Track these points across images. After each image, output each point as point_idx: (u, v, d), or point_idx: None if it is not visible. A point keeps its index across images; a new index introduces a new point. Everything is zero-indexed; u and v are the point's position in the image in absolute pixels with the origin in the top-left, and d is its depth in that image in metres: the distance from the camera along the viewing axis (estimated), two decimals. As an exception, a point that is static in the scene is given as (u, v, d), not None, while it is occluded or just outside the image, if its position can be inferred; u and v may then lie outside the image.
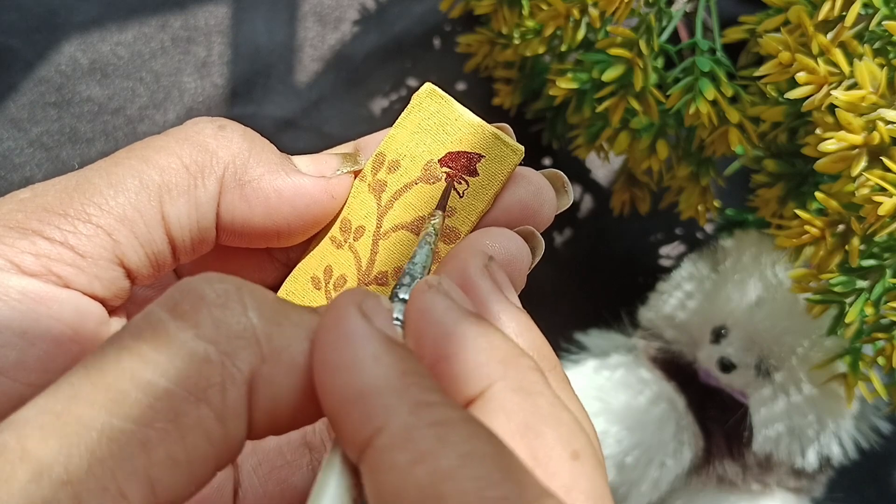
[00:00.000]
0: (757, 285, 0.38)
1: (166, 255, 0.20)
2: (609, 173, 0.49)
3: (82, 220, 0.19)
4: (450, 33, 0.51)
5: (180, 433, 0.14)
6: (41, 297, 0.18)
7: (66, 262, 0.18)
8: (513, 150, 0.21)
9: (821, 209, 0.31)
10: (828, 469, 0.39)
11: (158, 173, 0.20)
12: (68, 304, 0.18)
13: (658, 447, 0.38)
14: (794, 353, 0.37)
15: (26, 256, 0.18)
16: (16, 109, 0.48)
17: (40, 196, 0.19)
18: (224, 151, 0.20)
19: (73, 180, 0.19)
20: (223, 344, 0.15)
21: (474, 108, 0.38)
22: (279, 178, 0.21)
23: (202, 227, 0.20)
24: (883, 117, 0.26)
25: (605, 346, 0.43)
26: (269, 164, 0.21)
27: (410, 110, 0.22)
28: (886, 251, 0.29)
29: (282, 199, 0.21)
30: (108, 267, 0.19)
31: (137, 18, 0.50)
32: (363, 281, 0.22)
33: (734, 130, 0.33)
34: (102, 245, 0.19)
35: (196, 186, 0.20)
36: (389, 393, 0.14)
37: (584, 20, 0.34)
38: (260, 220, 0.21)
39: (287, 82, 0.49)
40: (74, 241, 0.18)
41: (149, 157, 0.20)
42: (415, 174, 0.22)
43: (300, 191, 0.21)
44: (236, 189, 0.20)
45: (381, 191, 0.22)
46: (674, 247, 0.48)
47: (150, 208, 0.19)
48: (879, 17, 0.28)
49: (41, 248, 0.18)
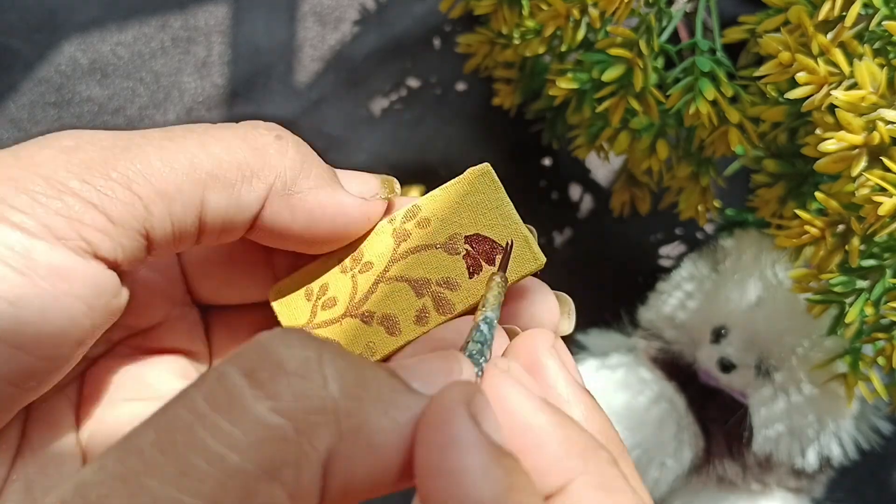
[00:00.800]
0: (757, 285, 0.38)
1: (191, 237, 0.20)
2: (609, 173, 0.49)
3: (123, 186, 0.18)
4: (450, 33, 0.51)
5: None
6: (65, 272, 0.18)
7: (97, 228, 0.18)
8: (535, 258, 0.22)
9: (821, 209, 0.31)
10: (828, 469, 0.39)
11: (211, 162, 0.20)
12: (90, 279, 0.18)
13: (658, 447, 0.38)
14: (794, 354, 0.37)
15: (58, 219, 0.18)
16: (16, 109, 0.48)
17: (85, 149, 0.18)
18: (277, 161, 0.21)
19: (124, 140, 0.19)
20: (301, 420, 0.14)
21: (474, 107, 0.39)
22: (325, 193, 0.21)
23: (236, 222, 0.21)
24: (883, 117, 0.26)
25: (605, 346, 0.43)
26: (318, 178, 0.21)
27: (461, 180, 0.23)
28: (886, 251, 0.29)
29: (324, 213, 0.22)
30: (134, 237, 0.19)
31: (137, 18, 0.50)
32: (350, 312, 0.23)
33: (734, 130, 0.33)
34: (135, 215, 0.19)
35: (243, 185, 0.20)
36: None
37: (584, 20, 0.34)
38: (299, 229, 0.21)
39: (287, 82, 0.49)
40: (109, 205, 0.18)
41: (206, 143, 0.20)
42: (439, 239, 0.22)
43: (342, 209, 0.22)
44: (284, 198, 0.21)
45: (403, 239, 0.23)
46: (674, 247, 0.48)
47: (192, 192, 0.19)
48: (879, 17, 0.28)
49: (75, 210, 0.18)
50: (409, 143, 0.48)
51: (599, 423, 0.18)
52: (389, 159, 0.48)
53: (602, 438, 0.17)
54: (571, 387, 0.19)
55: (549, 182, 0.48)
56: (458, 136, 0.49)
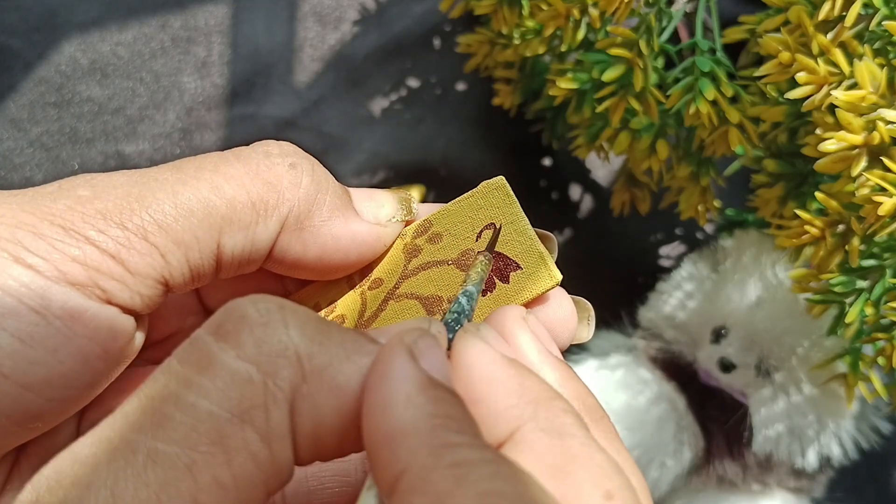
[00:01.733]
0: (757, 285, 0.38)
1: (209, 277, 0.20)
2: (609, 173, 0.49)
3: (139, 237, 0.19)
4: (450, 33, 0.51)
5: (226, 456, 0.14)
6: (80, 314, 0.18)
7: (114, 277, 0.18)
8: (550, 276, 0.21)
9: (821, 209, 0.31)
10: (828, 469, 0.39)
11: (225, 206, 0.20)
12: (104, 322, 0.18)
13: (658, 447, 0.38)
14: (795, 354, 0.37)
15: (74, 266, 0.18)
16: (16, 109, 0.48)
17: (101, 198, 0.19)
18: (291, 193, 0.20)
19: (137, 189, 0.19)
20: (264, 364, 0.15)
21: (474, 107, 0.39)
22: (338, 224, 0.21)
23: (253, 258, 0.21)
24: (883, 117, 0.26)
25: (606, 346, 0.43)
26: (332, 208, 0.21)
27: (474, 194, 0.22)
28: (886, 251, 0.29)
29: (337, 245, 0.21)
30: (152, 285, 0.19)
31: (137, 18, 0.50)
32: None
33: (734, 130, 0.33)
34: (153, 265, 0.19)
35: (258, 223, 0.20)
36: (414, 435, 0.14)
37: (584, 20, 0.34)
38: (311, 260, 0.21)
39: (287, 82, 0.49)
40: (126, 256, 0.18)
41: (219, 186, 0.20)
42: (451, 255, 0.22)
43: (356, 238, 0.21)
44: (296, 231, 0.21)
45: (414, 256, 0.22)
46: (674, 247, 0.48)
47: (208, 237, 0.19)
48: (879, 17, 0.28)
49: (92, 259, 0.18)
50: (409, 143, 0.48)
51: (575, 390, 0.18)
52: (389, 159, 0.48)
53: (578, 404, 0.17)
54: (543, 354, 0.19)
55: (549, 182, 0.48)
56: (458, 136, 0.49)
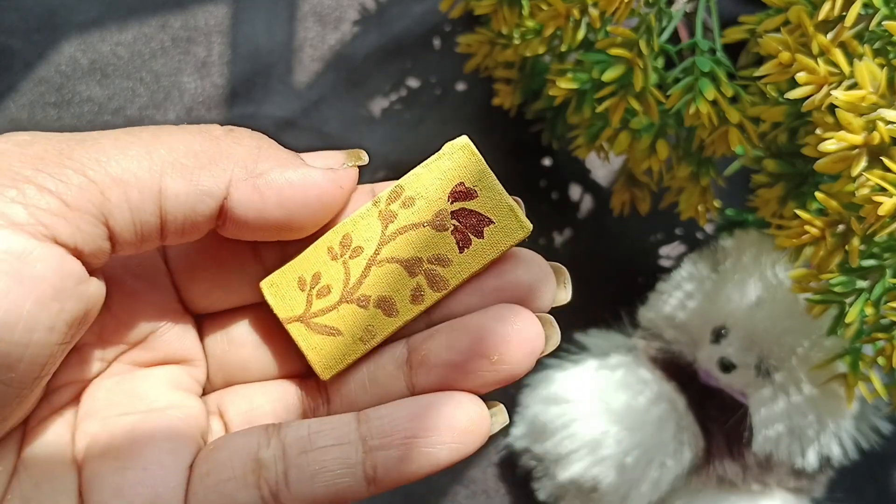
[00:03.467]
0: (757, 285, 0.38)
1: (153, 230, 0.20)
2: (609, 173, 0.49)
3: (76, 172, 0.19)
4: (450, 33, 0.51)
5: None
6: (26, 255, 0.18)
7: (53, 212, 0.18)
8: (521, 226, 0.23)
9: (821, 209, 0.31)
10: (828, 469, 0.39)
11: (168, 150, 0.20)
12: (51, 262, 0.19)
13: (658, 447, 0.38)
14: (795, 354, 0.37)
15: (14, 206, 0.18)
16: (16, 109, 0.48)
17: (39, 143, 0.19)
18: (235, 149, 0.21)
19: (80, 136, 0.20)
20: None
21: (474, 108, 0.39)
22: (290, 170, 0.21)
23: (197, 211, 0.21)
24: (883, 117, 0.26)
25: (605, 346, 0.43)
26: (279, 158, 0.22)
27: (441, 156, 0.23)
28: (886, 251, 0.29)
29: (294, 189, 0.21)
30: (92, 222, 0.19)
31: (137, 18, 0.50)
32: (345, 298, 0.23)
33: (734, 130, 0.33)
34: (91, 200, 0.19)
35: (202, 171, 0.20)
36: None
37: (584, 20, 0.34)
38: (273, 211, 0.21)
39: (287, 82, 0.49)
40: (64, 190, 0.19)
41: (160, 136, 0.20)
42: (425, 217, 0.23)
43: (310, 181, 0.22)
44: (249, 182, 0.21)
45: (390, 221, 0.23)
46: (674, 247, 0.48)
47: (149, 178, 0.20)
48: (879, 17, 0.28)
49: (30, 197, 0.18)
50: (409, 144, 0.48)
51: None
52: (389, 159, 0.48)
53: None
54: None
55: (549, 182, 0.48)
56: (458, 135, 0.48)
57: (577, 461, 0.38)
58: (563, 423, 0.38)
